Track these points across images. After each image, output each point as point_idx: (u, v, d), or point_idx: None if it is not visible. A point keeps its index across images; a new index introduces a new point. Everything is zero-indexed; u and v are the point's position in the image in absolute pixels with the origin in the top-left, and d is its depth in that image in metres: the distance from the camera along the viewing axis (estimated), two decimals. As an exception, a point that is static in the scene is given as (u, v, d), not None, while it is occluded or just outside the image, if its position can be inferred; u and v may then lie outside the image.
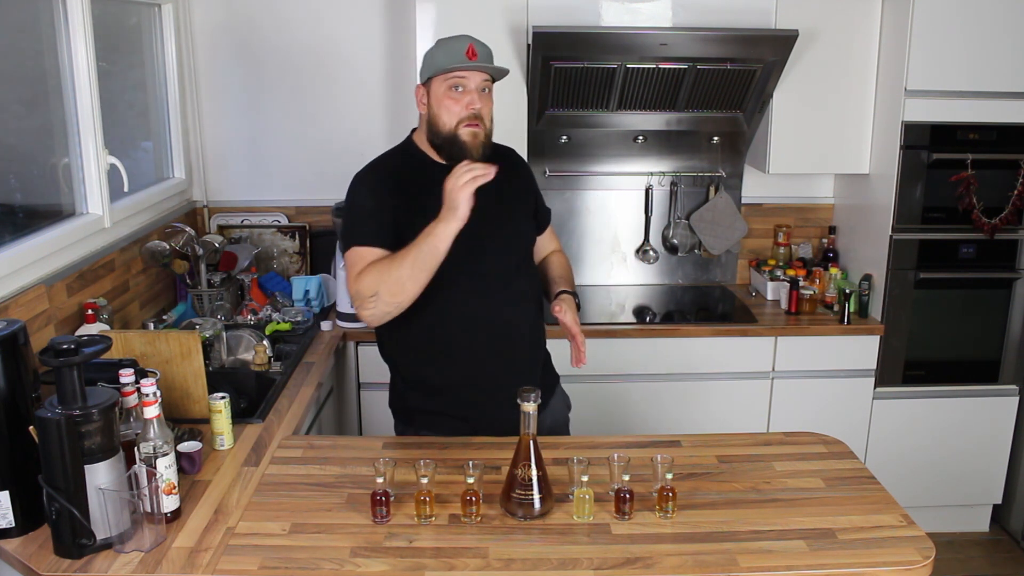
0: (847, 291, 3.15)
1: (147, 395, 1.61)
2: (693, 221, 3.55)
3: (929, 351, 3.20)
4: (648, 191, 3.53)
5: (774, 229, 3.64)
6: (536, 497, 1.66)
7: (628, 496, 1.67)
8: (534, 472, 1.66)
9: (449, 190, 1.84)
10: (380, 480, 1.67)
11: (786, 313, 3.25)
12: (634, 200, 3.55)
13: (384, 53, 3.39)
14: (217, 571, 1.52)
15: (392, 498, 1.67)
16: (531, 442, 1.66)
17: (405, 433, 2.19)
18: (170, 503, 1.66)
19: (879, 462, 3.16)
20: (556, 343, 2.24)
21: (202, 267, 3.03)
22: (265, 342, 2.71)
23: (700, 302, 3.52)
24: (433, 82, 1.99)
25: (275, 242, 3.47)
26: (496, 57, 3.00)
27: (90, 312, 2.40)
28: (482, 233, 1.95)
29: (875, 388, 3.19)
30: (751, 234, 3.62)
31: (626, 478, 1.68)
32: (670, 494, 1.67)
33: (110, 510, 1.55)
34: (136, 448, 1.62)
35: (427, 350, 2.07)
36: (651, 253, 3.59)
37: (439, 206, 1.87)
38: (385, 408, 3.06)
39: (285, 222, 3.50)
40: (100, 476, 1.54)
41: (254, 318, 3.00)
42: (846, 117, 3.21)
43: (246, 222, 3.49)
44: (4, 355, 1.60)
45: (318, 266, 3.48)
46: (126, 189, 2.74)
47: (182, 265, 3.04)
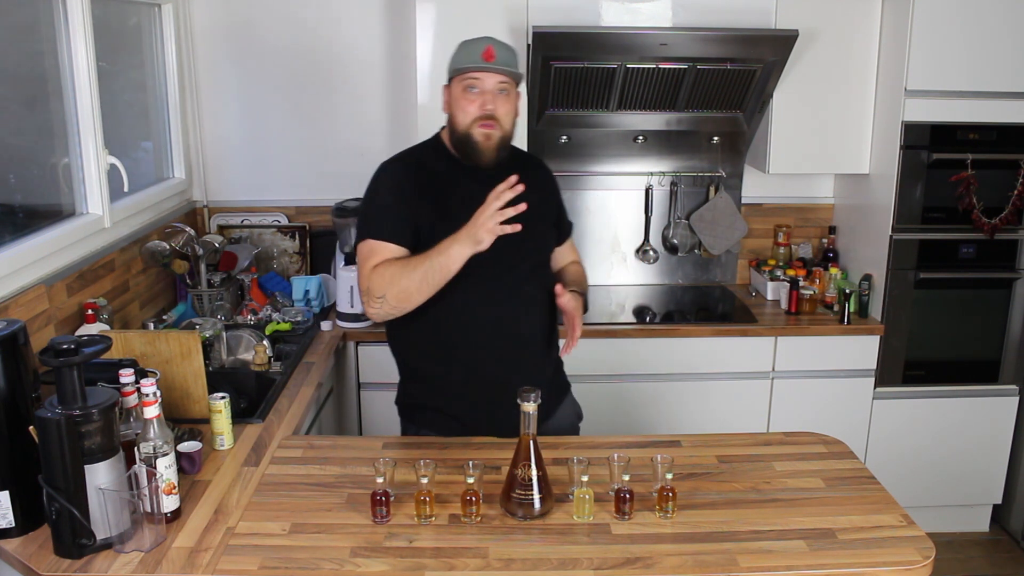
0: (847, 291, 3.15)
1: (147, 395, 1.61)
2: (693, 221, 3.55)
3: (929, 351, 3.20)
4: (648, 191, 3.53)
5: (774, 229, 3.64)
6: (536, 497, 1.66)
7: (628, 496, 1.67)
8: (534, 472, 1.66)
9: (479, 221, 1.85)
10: (380, 480, 1.67)
11: (786, 313, 3.25)
12: (634, 200, 3.55)
13: (384, 53, 3.39)
14: (217, 571, 1.52)
15: (392, 498, 1.67)
16: (531, 442, 1.66)
17: (408, 430, 2.19)
18: (170, 503, 1.66)
19: (879, 462, 3.16)
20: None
21: (202, 267, 3.03)
22: (265, 342, 2.71)
23: (700, 302, 3.52)
24: (453, 82, 2.02)
25: (275, 242, 3.48)
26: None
27: (90, 312, 2.40)
28: (499, 237, 1.95)
29: (875, 388, 3.19)
30: (751, 234, 3.62)
31: (626, 478, 1.68)
32: (670, 494, 1.67)
33: (110, 510, 1.55)
34: (136, 448, 1.62)
35: (433, 348, 2.08)
36: (651, 253, 3.59)
37: (458, 205, 1.93)
38: (385, 408, 3.08)
39: (285, 222, 3.50)
40: (100, 476, 1.54)
41: (254, 318, 3.00)
42: (846, 117, 3.21)
43: (246, 222, 3.49)
44: (4, 355, 1.60)
45: (318, 266, 3.48)
46: (126, 189, 2.74)
47: (182, 265, 3.04)
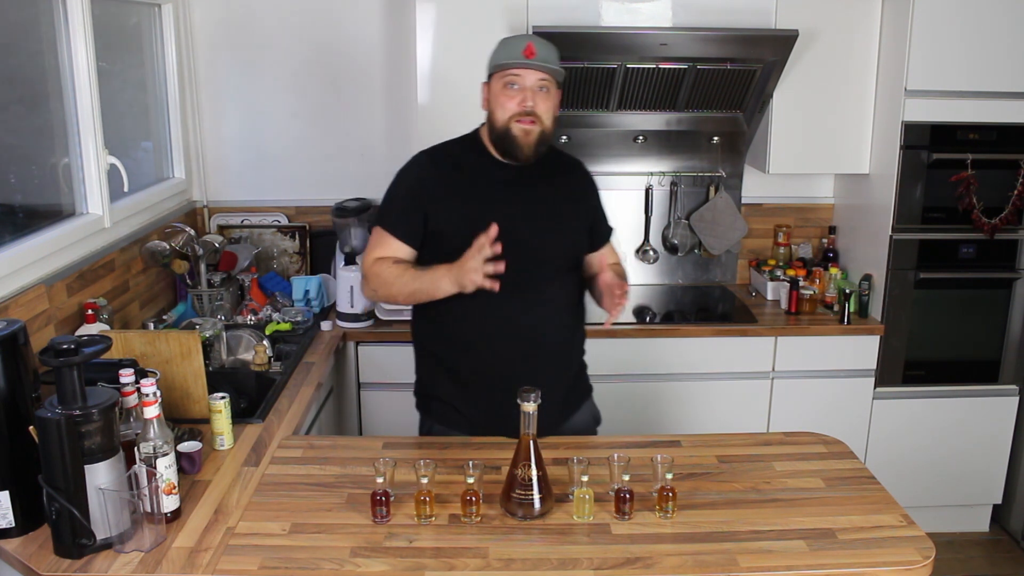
0: (847, 291, 3.15)
1: (147, 395, 1.61)
2: (693, 221, 3.55)
3: (929, 351, 3.20)
4: (648, 191, 3.53)
5: (774, 229, 3.64)
6: (536, 497, 1.66)
7: (628, 496, 1.67)
8: (534, 472, 1.66)
9: (465, 267, 1.87)
10: (380, 480, 1.67)
11: (786, 313, 3.25)
12: (634, 200, 3.55)
13: (384, 53, 3.39)
14: (217, 571, 1.52)
15: (392, 498, 1.67)
16: (531, 442, 1.66)
17: (423, 422, 2.22)
18: (170, 503, 1.66)
19: (879, 462, 3.16)
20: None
21: (202, 267, 3.03)
22: (265, 342, 2.71)
23: (700, 302, 3.52)
24: (492, 79, 2.03)
25: (275, 242, 3.47)
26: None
27: (90, 312, 2.40)
28: (521, 237, 1.97)
29: (875, 388, 3.19)
30: (751, 234, 3.62)
31: (626, 478, 1.68)
32: (670, 494, 1.67)
33: (110, 510, 1.55)
34: (136, 448, 1.62)
35: (449, 342, 2.09)
36: (651, 253, 3.59)
37: (483, 199, 2.02)
38: (385, 408, 3.09)
39: (285, 222, 3.50)
40: (100, 476, 1.54)
41: (254, 318, 3.00)
42: (846, 117, 3.21)
43: (246, 222, 3.49)
44: (4, 355, 1.60)
45: (318, 266, 3.48)
46: (126, 189, 2.74)
47: (182, 265, 3.03)
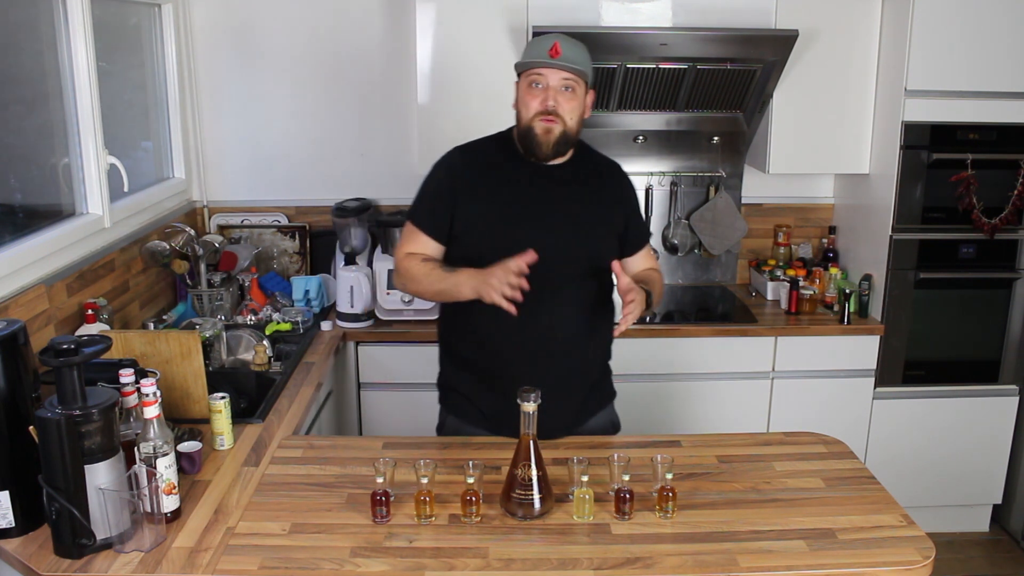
0: (847, 291, 3.15)
1: (147, 395, 1.61)
2: (693, 221, 3.55)
3: (929, 351, 3.20)
4: (648, 191, 3.52)
5: (774, 229, 3.64)
6: (536, 497, 1.66)
7: (628, 496, 1.67)
8: (534, 472, 1.66)
9: (491, 280, 1.86)
10: (380, 480, 1.67)
11: (786, 313, 3.25)
12: (634, 200, 3.55)
13: (384, 53, 3.39)
14: (217, 571, 1.52)
15: (392, 498, 1.67)
16: (531, 442, 1.66)
17: (441, 413, 2.24)
18: (170, 503, 1.66)
19: (879, 462, 3.16)
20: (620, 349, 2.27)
21: (202, 267, 3.03)
22: (265, 342, 2.71)
23: (700, 302, 3.52)
24: (520, 78, 2.04)
25: (275, 242, 3.47)
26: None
27: (90, 312, 2.40)
28: (544, 237, 1.97)
29: (875, 388, 3.19)
30: (751, 234, 3.62)
31: (626, 478, 1.68)
32: (670, 494, 1.67)
33: (110, 510, 1.55)
34: (136, 448, 1.62)
35: (470, 336, 2.10)
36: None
37: (509, 196, 2.04)
38: (385, 408, 3.10)
39: (285, 222, 3.50)
40: (100, 476, 1.54)
41: (254, 318, 3.00)
42: (846, 117, 3.21)
43: (246, 222, 3.49)
44: (4, 355, 1.60)
45: (318, 266, 3.48)
46: (126, 189, 2.74)
47: (182, 265, 3.03)
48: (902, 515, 1.70)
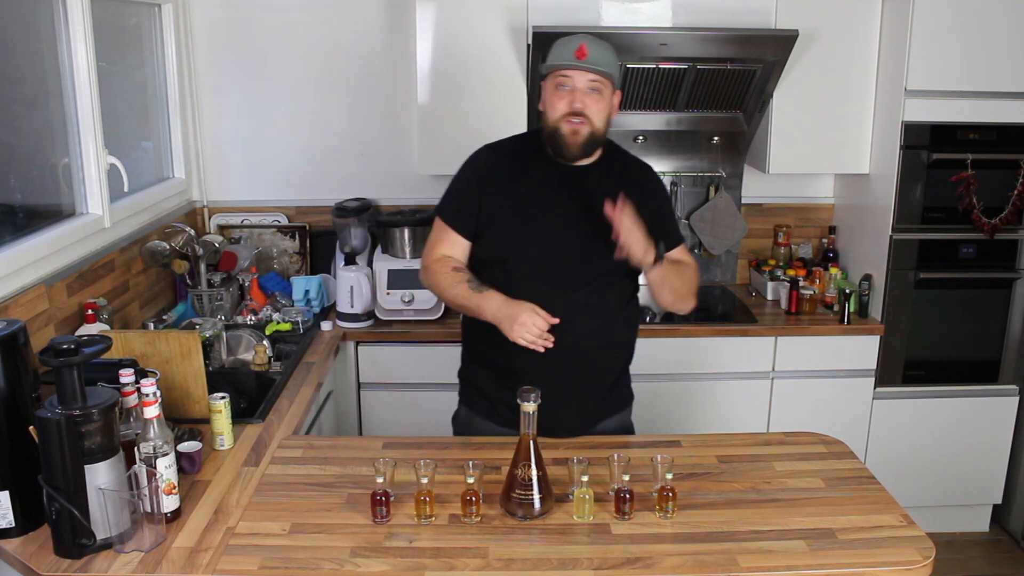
0: (847, 291, 3.15)
1: (147, 395, 1.61)
2: (693, 221, 3.55)
3: (929, 351, 3.20)
4: (648, 191, 3.52)
5: (774, 229, 3.64)
6: (536, 497, 1.66)
7: (628, 496, 1.67)
8: (534, 472, 1.66)
9: (521, 319, 1.90)
10: (380, 480, 1.67)
11: (786, 313, 3.25)
12: (634, 200, 3.55)
13: (384, 53, 3.39)
14: (217, 571, 1.52)
15: (392, 498, 1.67)
16: (531, 442, 1.66)
17: (458, 403, 2.26)
18: (170, 503, 1.66)
19: (879, 462, 3.16)
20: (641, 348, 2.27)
21: (202, 267, 3.03)
22: (265, 342, 2.71)
23: (700, 302, 3.47)
24: (546, 79, 2.04)
25: (275, 242, 3.47)
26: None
27: (90, 312, 2.40)
28: (567, 237, 1.98)
29: (875, 388, 3.19)
30: (751, 234, 3.62)
31: (626, 478, 1.68)
32: (670, 494, 1.67)
33: (110, 510, 1.55)
34: (136, 448, 1.62)
35: (485, 331, 2.09)
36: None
37: (534, 195, 2.04)
38: (385, 408, 3.10)
39: (285, 222, 3.50)
40: (100, 476, 1.54)
41: (254, 318, 3.00)
42: (846, 117, 3.21)
43: (246, 222, 3.49)
44: (4, 355, 1.60)
45: (318, 266, 3.48)
46: (126, 189, 2.74)
47: (182, 265, 3.03)
48: (902, 515, 1.70)
